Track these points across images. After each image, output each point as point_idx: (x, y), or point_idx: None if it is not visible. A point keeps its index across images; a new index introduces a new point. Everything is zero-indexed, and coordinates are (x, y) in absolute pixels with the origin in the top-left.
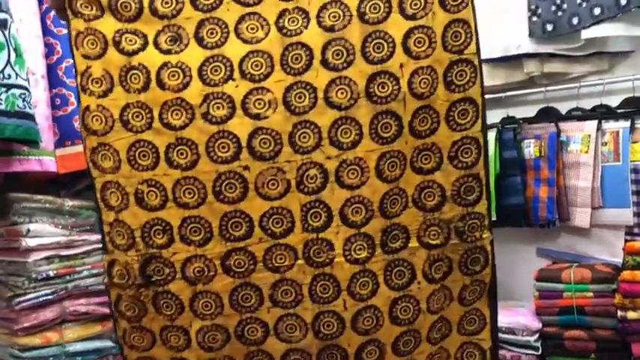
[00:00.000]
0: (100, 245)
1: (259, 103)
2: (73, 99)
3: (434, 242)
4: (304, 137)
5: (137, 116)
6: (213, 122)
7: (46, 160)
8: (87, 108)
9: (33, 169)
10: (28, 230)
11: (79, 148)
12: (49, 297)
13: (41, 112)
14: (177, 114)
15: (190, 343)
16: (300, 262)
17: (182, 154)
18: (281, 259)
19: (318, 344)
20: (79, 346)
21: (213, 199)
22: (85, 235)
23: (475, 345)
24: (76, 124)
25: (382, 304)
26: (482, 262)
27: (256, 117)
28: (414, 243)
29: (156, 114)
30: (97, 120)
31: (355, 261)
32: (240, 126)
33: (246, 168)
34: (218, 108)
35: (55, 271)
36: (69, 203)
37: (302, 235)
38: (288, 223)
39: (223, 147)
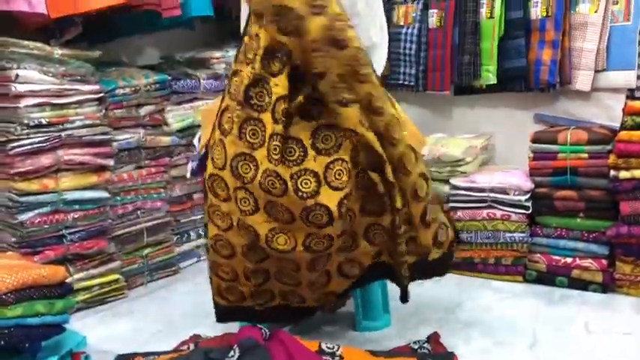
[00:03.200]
0: (93, 96)
1: None
2: None
3: None
4: None
5: None
6: None
7: (34, 1)
8: None
9: (21, 10)
10: (17, 75)
11: None
12: (43, 144)
13: None
14: None
15: (255, 178)
16: None
17: None
18: None
19: None
20: (76, 195)
21: None
22: (76, 85)
23: None
24: None
25: None
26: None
27: None
28: None
29: None
30: None
31: None
32: None
33: None
34: None
35: (47, 119)
36: (58, 51)
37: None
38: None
39: None
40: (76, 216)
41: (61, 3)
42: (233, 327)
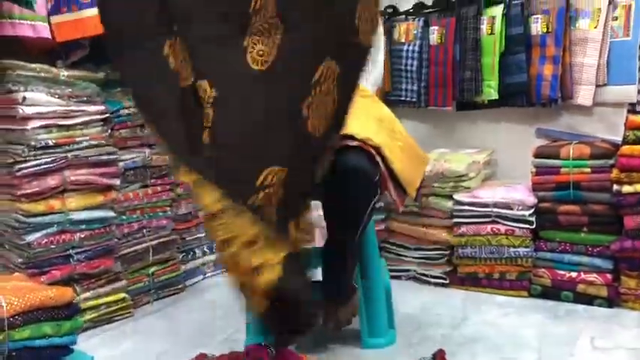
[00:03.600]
0: (99, 117)
1: None
2: None
3: None
4: None
5: None
6: None
7: (39, 26)
8: None
9: (25, 35)
10: (24, 98)
11: (76, 15)
12: (50, 165)
13: None
14: None
15: None
16: None
17: None
18: None
19: None
20: (83, 215)
21: None
22: (83, 106)
23: None
24: None
25: None
26: None
27: None
28: None
29: None
30: None
31: None
32: None
33: None
34: None
35: (54, 141)
36: (65, 73)
37: None
38: None
39: None
40: (82, 236)
41: (68, 27)
42: (239, 346)
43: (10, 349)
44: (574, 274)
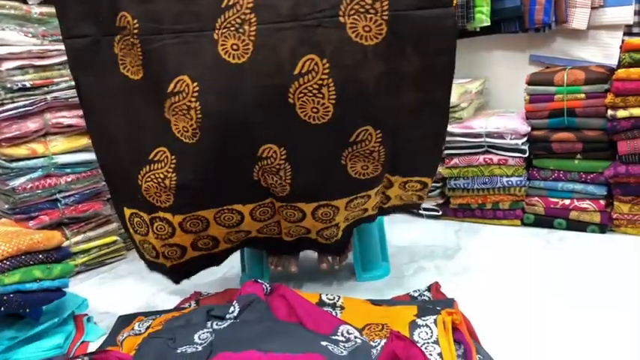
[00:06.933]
0: None
1: None
2: None
3: None
4: None
5: None
6: None
7: None
8: None
9: None
10: None
11: None
12: (29, 108)
13: None
14: None
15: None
16: None
17: None
18: None
19: None
20: (67, 158)
21: None
22: (58, 45)
23: None
24: None
25: None
26: None
27: None
28: None
29: None
30: None
31: None
32: None
33: None
34: None
35: (30, 82)
36: (36, 10)
37: None
38: None
39: None
40: (68, 179)
41: None
42: (235, 283)
43: (0, 293)
44: (567, 202)
